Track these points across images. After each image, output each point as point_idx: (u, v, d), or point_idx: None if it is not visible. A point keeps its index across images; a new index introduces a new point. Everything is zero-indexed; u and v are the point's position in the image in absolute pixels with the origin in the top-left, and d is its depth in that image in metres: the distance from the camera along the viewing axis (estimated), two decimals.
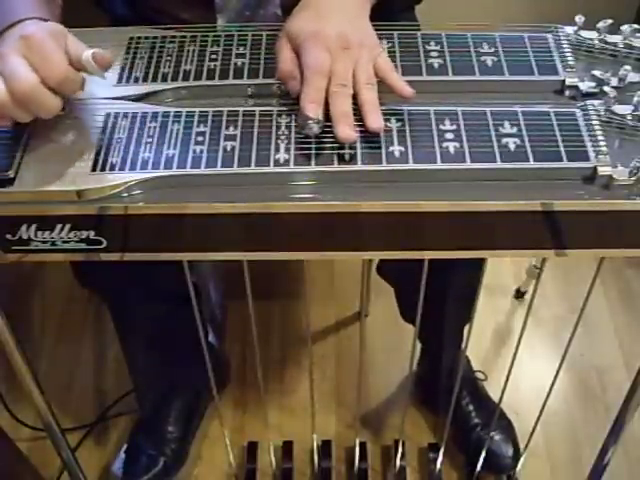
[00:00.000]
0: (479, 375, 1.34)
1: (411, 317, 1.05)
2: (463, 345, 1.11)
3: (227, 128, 0.67)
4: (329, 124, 0.65)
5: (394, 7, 0.89)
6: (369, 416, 1.33)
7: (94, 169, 0.64)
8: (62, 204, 0.63)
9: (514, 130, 0.66)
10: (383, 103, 0.68)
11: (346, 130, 0.63)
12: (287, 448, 1.25)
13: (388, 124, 0.67)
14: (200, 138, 0.66)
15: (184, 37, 0.76)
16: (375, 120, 0.64)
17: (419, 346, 1.25)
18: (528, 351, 1.38)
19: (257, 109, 0.69)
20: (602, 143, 0.65)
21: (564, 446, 1.29)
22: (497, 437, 1.21)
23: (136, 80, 0.72)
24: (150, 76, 0.73)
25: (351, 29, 0.68)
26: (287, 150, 0.65)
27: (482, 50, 0.74)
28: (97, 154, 0.65)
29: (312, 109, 0.64)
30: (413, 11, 1.00)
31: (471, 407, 1.25)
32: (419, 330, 0.89)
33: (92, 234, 0.65)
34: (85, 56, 0.64)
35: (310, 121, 0.64)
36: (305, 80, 0.65)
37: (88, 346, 1.45)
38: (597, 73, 0.71)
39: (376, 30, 0.75)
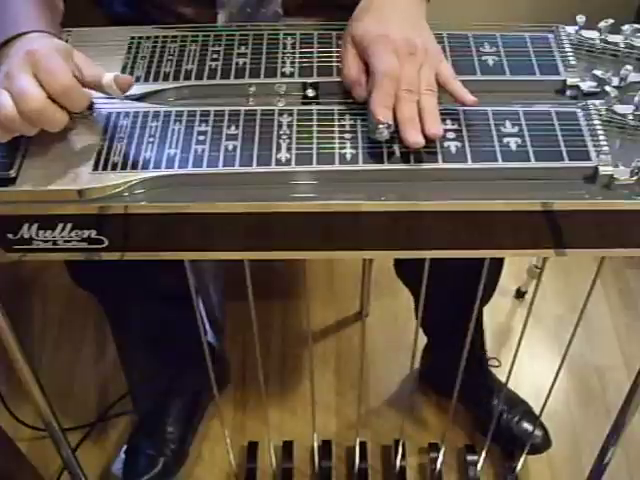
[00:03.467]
0: (493, 362, 1.34)
1: (430, 320, 1.03)
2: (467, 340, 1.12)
3: (229, 127, 0.67)
4: (329, 124, 0.66)
5: None
6: (369, 416, 1.33)
7: (95, 168, 0.64)
8: (63, 203, 0.63)
9: (515, 130, 0.66)
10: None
11: (414, 135, 0.63)
12: (287, 448, 1.25)
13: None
14: (202, 137, 0.66)
15: (185, 37, 0.76)
16: (433, 126, 0.64)
17: (420, 345, 1.25)
18: (528, 351, 1.38)
19: (258, 108, 0.69)
20: (603, 143, 0.65)
21: (564, 446, 1.29)
22: (522, 422, 1.23)
23: (137, 79, 0.72)
24: (152, 75, 0.73)
25: (416, 33, 0.68)
26: (288, 149, 0.65)
27: (483, 50, 0.75)
28: (98, 153, 0.65)
29: (384, 114, 0.63)
30: None
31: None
32: (425, 325, 0.89)
33: (93, 233, 0.65)
34: (106, 81, 0.64)
35: (381, 126, 0.63)
36: (376, 84, 0.65)
37: (88, 346, 1.45)
38: (598, 73, 0.71)
39: None
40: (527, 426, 1.22)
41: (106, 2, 0.93)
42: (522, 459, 1.18)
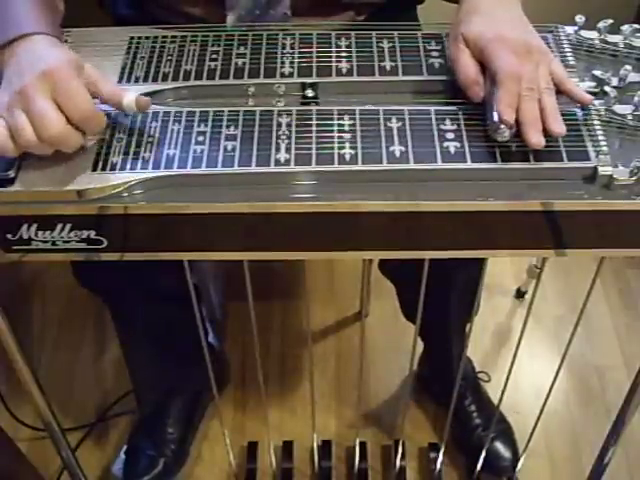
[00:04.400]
0: (482, 376, 1.34)
1: (412, 315, 1.04)
2: (465, 345, 1.12)
3: (228, 128, 0.67)
4: (328, 124, 0.65)
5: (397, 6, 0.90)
6: (369, 416, 1.33)
7: (95, 169, 0.64)
8: (63, 204, 0.63)
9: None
10: (383, 103, 0.68)
11: (537, 135, 0.63)
12: (287, 448, 1.25)
13: (388, 124, 0.67)
14: (201, 138, 0.66)
15: (185, 37, 0.76)
16: (558, 125, 0.64)
17: (420, 345, 1.25)
18: (528, 351, 1.38)
19: (257, 109, 0.69)
20: (603, 143, 0.65)
21: (564, 446, 1.29)
22: (497, 440, 1.21)
23: (137, 80, 0.72)
24: (151, 76, 0.73)
25: (529, 34, 0.68)
26: (288, 150, 0.65)
27: None
28: (98, 154, 0.65)
29: (508, 113, 0.63)
30: (415, 11, 1.00)
31: (473, 407, 1.25)
32: (420, 328, 0.90)
33: (92, 234, 0.65)
34: (127, 102, 0.64)
35: (503, 125, 0.63)
36: (498, 84, 0.65)
37: (88, 346, 1.45)
38: (597, 73, 0.71)
39: (377, 30, 0.75)
40: (499, 446, 1.21)
41: (109, 4, 0.93)
42: (522, 459, 1.18)
